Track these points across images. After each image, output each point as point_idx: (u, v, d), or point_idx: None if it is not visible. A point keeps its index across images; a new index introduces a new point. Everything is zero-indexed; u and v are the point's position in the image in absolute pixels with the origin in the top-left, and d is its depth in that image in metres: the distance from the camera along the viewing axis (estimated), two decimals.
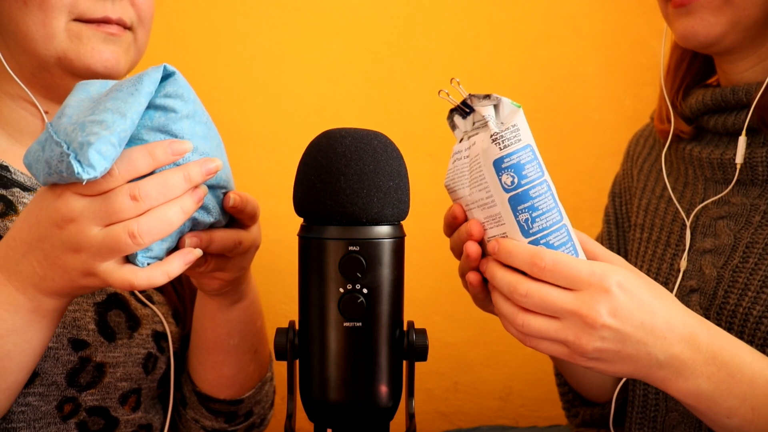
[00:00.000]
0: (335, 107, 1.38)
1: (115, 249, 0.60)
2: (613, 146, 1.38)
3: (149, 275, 0.62)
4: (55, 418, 0.80)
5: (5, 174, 0.83)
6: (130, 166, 0.60)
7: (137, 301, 0.88)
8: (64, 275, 0.63)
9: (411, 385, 0.67)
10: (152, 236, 0.60)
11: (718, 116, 0.90)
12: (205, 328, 0.88)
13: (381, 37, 1.38)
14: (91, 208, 0.60)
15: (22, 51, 0.83)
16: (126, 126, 0.58)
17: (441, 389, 1.44)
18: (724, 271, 0.85)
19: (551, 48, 1.39)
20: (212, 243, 0.69)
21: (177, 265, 0.63)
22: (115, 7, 0.84)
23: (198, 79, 1.35)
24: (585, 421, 1.02)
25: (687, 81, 0.98)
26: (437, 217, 1.38)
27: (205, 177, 0.64)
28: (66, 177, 0.58)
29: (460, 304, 1.39)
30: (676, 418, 0.89)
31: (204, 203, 0.66)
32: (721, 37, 0.84)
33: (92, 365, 0.81)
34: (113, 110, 0.58)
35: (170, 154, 0.62)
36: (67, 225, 0.60)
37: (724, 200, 0.89)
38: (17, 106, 0.87)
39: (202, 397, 0.92)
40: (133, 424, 0.87)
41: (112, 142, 0.57)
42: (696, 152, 0.93)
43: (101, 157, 0.56)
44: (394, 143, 0.65)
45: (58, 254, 0.62)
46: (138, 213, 0.60)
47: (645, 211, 1.01)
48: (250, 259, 0.77)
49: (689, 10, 0.84)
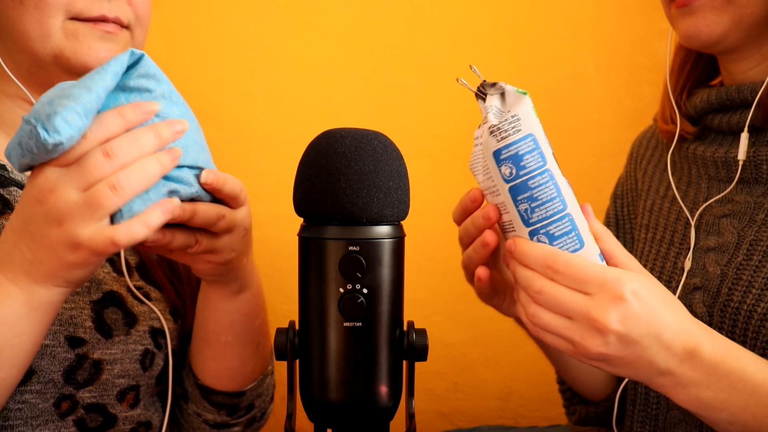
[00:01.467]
0: (335, 107, 1.38)
1: (97, 206, 0.61)
2: (613, 146, 1.38)
3: (128, 228, 0.62)
4: (53, 416, 0.80)
5: (2, 173, 0.83)
6: (101, 126, 0.62)
7: (134, 298, 0.88)
8: (51, 253, 0.63)
9: (411, 385, 0.67)
10: (132, 186, 0.61)
11: (722, 115, 0.90)
12: (207, 318, 0.88)
13: (381, 37, 1.38)
14: (68, 173, 0.61)
15: (19, 50, 0.83)
16: (91, 98, 0.60)
17: (441, 389, 1.44)
18: (727, 268, 0.85)
19: (551, 48, 1.39)
20: (196, 215, 0.69)
21: (156, 215, 0.63)
22: (111, 6, 0.84)
23: (198, 79, 1.35)
24: (581, 419, 1.03)
25: (691, 82, 0.98)
26: (437, 217, 1.39)
27: (175, 136, 0.65)
28: (36, 152, 0.60)
29: (460, 304, 1.39)
30: (677, 416, 0.89)
31: (183, 177, 0.67)
32: (724, 36, 0.84)
33: (89, 362, 0.81)
34: (79, 86, 0.61)
35: (140, 113, 0.64)
36: (47, 197, 0.61)
37: (728, 199, 0.89)
38: (14, 105, 0.87)
39: (204, 390, 0.93)
40: (132, 420, 0.87)
41: (77, 111, 0.59)
42: (700, 151, 0.93)
43: (66, 123, 0.58)
44: (394, 143, 0.65)
45: (43, 231, 0.62)
46: (113, 169, 0.61)
47: (650, 211, 1.01)
48: (239, 241, 0.77)
49: (691, 10, 0.85)
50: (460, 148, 1.39)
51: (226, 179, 0.71)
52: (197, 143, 0.70)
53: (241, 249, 0.79)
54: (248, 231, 0.78)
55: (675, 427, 0.89)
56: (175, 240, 0.71)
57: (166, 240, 0.70)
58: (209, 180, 0.69)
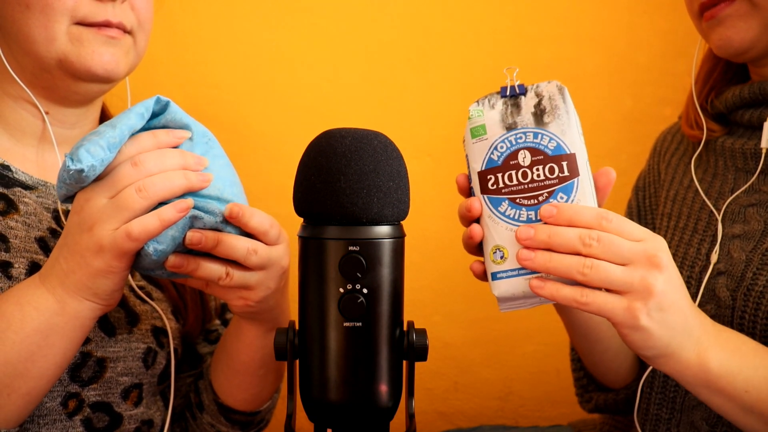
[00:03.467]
0: (335, 107, 1.38)
1: (123, 207, 0.66)
2: (613, 146, 1.38)
3: (141, 221, 0.66)
4: (61, 415, 0.80)
5: (6, 173, 0.84)
6: (135, 143, 0.69)
7: (136, 297, 0.89)
8: (81, 260, 0.68)
9: (411, 385, 0.67)
10: (156, 190, 0.66)
11: (753, 110, 0.93)
12: (239, 351, 0.89)
13: (381, 37, 1.38)
14: (101, 184, 0.68)
15: (24, 53, 0.84)
16: (114, 134, 0.66)
17: (441, 389, 1.44)
18: (753, 254, 0.87)
19: (551, 48, 1.39)
20: (219, 245, 0.70)
21: (170, 211, 0.67)
22: (115, 11, 0.85)
23: (198, 79, 1.35)
24: (598, 406, 1.03)
25: (717, 87, 1.01)
26: (437, 217, 1.39)
27: (197, 167, 0.70)
28: (67, 181, 0.66)
29: (460, 304, 1.39)
30: (694, 399, 0.90)
31: (208, 206, 0.70)
32: (756, 41, 0.88)
33: (93, 360, 0.82)
34: (107, 124, 0.68)
35: (172, 137, 0.70)
36: (83, 207, 0.68)
37: (755, 189, 0.92)
38: (18, 107, 0.87)
39: (224, 408, 0.94)
40: (136, 419, 0.88)
41: (100, 144, 0.65)
42: (728, 144, 0.96)
43: (89, 154, 0.64)
44: (394, 143, 0.65)
45: (76, 239, 0.68)
46: (139, 176, 0.67)
47: (672, 201, 1.04)
48: (275, 280, 0.77)
49: (719, 21, 0.89)
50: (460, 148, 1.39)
51: (253, 213, 0.72)
52: (226, 179, 0.74)
53: (277, 287, 0.78)
54: (286, 270, 0.78)
55: (693, 409, 0.91)
56: (201, 268, 0.72)
57: (190, 267, 0.71)
58: (234, 212, 0.70)
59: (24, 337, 0.69)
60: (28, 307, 0.69)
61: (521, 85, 0.71)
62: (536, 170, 0.69)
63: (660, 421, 0.94)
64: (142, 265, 0.70)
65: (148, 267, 0.71)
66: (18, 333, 0.68)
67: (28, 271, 0.79)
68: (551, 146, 0.69)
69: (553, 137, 0.69)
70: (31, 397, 0.71)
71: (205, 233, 0.69)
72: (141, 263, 0.70)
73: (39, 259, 0.81)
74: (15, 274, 0.78)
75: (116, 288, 0.70)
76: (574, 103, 0.71)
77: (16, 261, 0.79)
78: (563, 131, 0.69)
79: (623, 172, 1.32)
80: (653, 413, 0.95)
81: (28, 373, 0.69)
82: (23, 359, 0.69)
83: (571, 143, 0.69)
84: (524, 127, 0.70)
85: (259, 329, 0.85)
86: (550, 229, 0.67)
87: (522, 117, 0.70)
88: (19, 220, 0.81)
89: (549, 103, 0.70)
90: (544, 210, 0.67)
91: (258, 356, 0.88)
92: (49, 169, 0.88)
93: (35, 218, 0.83)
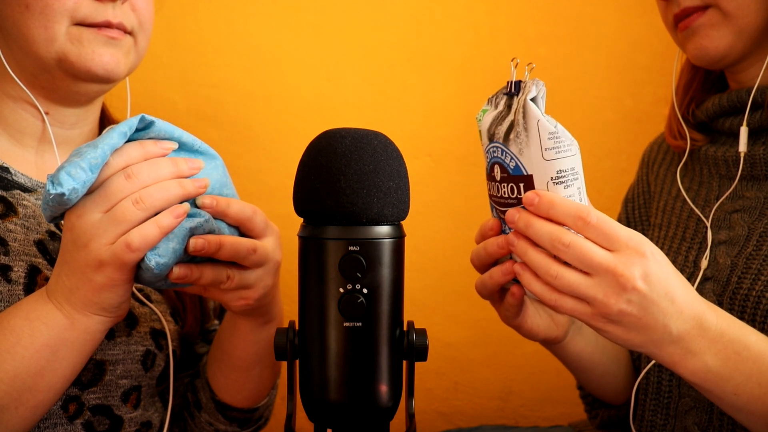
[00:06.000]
0: (335, 107, 1.38)
1: (120, 220, 0.65)
2: (613, 146, 1.38)
3: (141, 230, 0.66)
4: (62, 419, 0.80)
5: (6, 175, 0.84)
6: (122, 154, 0.67)
7: (135, 300, 0.88)
8: (82, 277, 0.67)
9: (411, 385, 0.67)
10: (153, 201, 0.65)
11: (733, 117, 0.94)
12: (234, 347, 0.89)
13: (381, 36, 1.38)
14: (92, 198, 0.66)
15: (24, 53, 0.83)
16: (96, 154, 0.64)
17: (441, 389, 1.44)
18: (738, 259, 0.88)
19: (551, 48, 1.39)
20: (222, 247, 0.70)
21: (167, 218, 0.66)
22: (116, 11, 0.84)
23: (198, 79, 1.35)
24: (604, 422, 1.04)
25: (698, 96, 1.02)
26: (437, 217, 1.39)
27: (191, 172, 0.69)
28: (51, 204, 0.65)
29: (460, 304, 1.39)
30: (688, 403, 0.91)
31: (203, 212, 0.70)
32: (730, 49, 0.89)
33: (92, 363, 0.82)
34: (89, 144, 0.66)
35: (159, 148, 0.69)
36: (74, 224, 0.66)
37: (739, 195, 0.93)
38: (18, 107, 0.87)
39: (221, 406, 0.94)
40: (136, 422, 0.88)
41: (81, 166, 0.63)
42: (711, 152, 0.97)
43: (69, 177, 0.63)
44: (394, 143, 0.65)
45: (74, 256, 0.67)
46: (134, 188, 0.65)
47: (663, 211, 1.05)
48: (271, 275, 0.78)
49: (693, 31, 0.91)
50: (460, 148, 1.39)
51: (230, 202, 0.72)
52: (220, 182, 0.74)
53: (273, 282, 0.80)
54: (279, 264, 0.79)
55: (686, 414, 0.91)
56: (204, 276, 0.72)
57: (194, 276, 0.71)
58: (206, 203, 0.71)
59: (33, 352, 0.69)
60: (36, 322, 0.69)
61: (518, 81, 0.69)
62: (503, 186, 0.68)
63: (655, 426, 0.95)
64: (144, 279, 0.70)
65: (149, 281, 0.70)
66: (27, 348, 0.69)
67: (27, 275, 0.79)
68: (512, 165, 0.67)
69: (513, 157, 0.66)
70: (38, 410, 0.71)
71: (207, 238, 0.69)
72: (143, 277, 0.70)
73: (38, 263, 0.81)
74: (14, 277, 0.78)
75: (123, 299, 0.71)
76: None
77: (15, 264, 0.79)
78: (521, 150, 0.65)
79: (623, 172, 1.33)
80: (648, 419, 0.95)
81: (37, 387, 0.69)
82: (32, 374, 0.69)
83: (528, 164, 0.65)
84: (497, 141, 0.68)
85: (254, 323, 0.86)
86: (529, 219, 0.66)
87: (501, 127, 0.67)
88: (18, 223, 0.81)
89: (516, 116, 0.66)
90: (527, 196, 0.66)
91: (253, 350, 0.88)
92: (48, 171, 0.88)
93: (34, 221, 0.83)
